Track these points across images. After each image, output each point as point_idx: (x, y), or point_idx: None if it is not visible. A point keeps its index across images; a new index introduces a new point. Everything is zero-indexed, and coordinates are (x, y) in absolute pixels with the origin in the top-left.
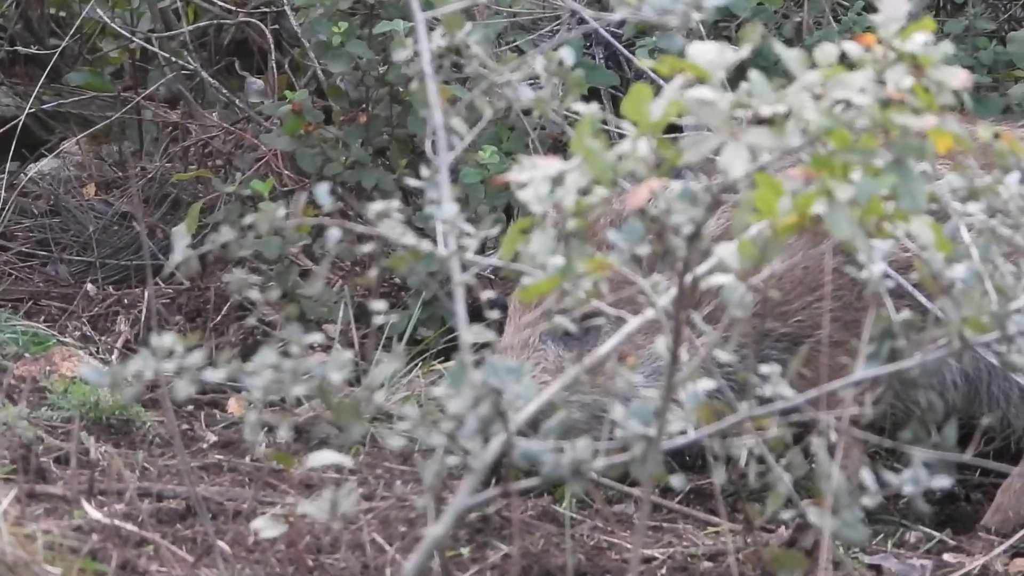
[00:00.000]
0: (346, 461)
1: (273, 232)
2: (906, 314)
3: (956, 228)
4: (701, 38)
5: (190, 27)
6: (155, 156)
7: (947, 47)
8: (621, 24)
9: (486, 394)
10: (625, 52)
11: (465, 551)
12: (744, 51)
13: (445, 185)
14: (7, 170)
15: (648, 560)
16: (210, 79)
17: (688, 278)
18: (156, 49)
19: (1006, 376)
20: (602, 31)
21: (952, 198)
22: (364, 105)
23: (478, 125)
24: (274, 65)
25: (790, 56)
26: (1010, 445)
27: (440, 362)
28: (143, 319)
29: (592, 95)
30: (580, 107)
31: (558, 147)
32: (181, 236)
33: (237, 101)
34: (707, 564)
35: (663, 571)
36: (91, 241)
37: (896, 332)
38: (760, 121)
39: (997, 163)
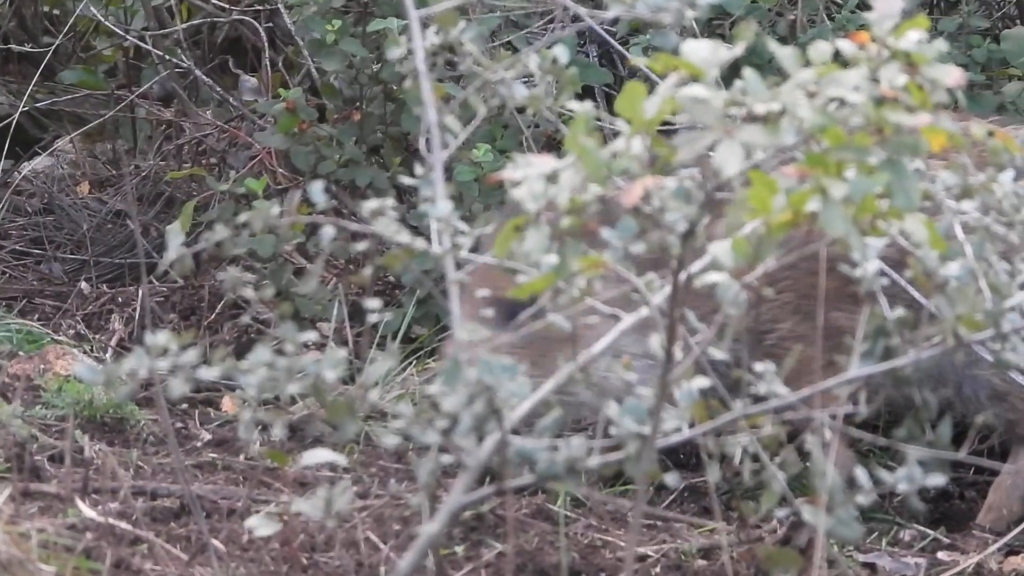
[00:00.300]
0: (340, 459)
1: (267, 230)
2: (900, 311)
3: (950, 226)
4: (695, 36)
5: (184, 25)
6: (149, 154)
7: (941, 45)
8: (615, 22)
9: (480, 392)
10: (619, 47)
11: (459, 549)
12: (738, 49)
13: (439, 183)
14: (0, 168)
15: (642, 558)
16: (204, 77)
17: (682, 276)
18: (150, 47)
19: (975, 377)
20: (595, 26)
21: (946, 196)
22: (358, 103)
23: (472, 123)
24: (268, 63)
25: (784, 54)
26: (1004, 442)
27: (434, 360)
28: (137, 317)
29: (586, 93)
30: (574, 105)
31: (552, 145)
32: (175, 234)
33: (231, 99)
34: (701, 562)
35: (657, 569)
36: (85, 239)
37: (890, 330)
38: (754, 119)
39: (991, 160)
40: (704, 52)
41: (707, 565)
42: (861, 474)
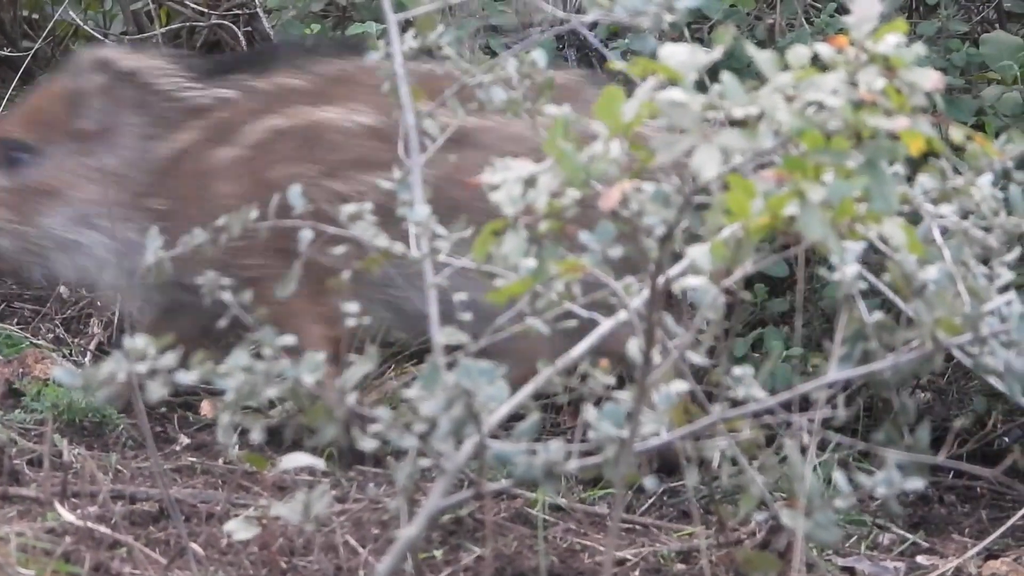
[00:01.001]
0: (319, 463)
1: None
2: (878, 315)
3: (928, 230)
4: (673, 40)
5: (163, 29)
6: None
7: (919, 49)
8: (593, 26)
9: (459, 396)
10: (601, 47)
11: (438, 553)
12: (716, 53)
13: (418, 187)
14: None
15: (621, 562)
16: None
17: (660, 280)
18: None
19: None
20: (580, 27)
21: (924, 200)
22: None
23: (451, 127)
24: None
25: (763, 58)
26: (983, 447)
27: (413, 364)
28: (116, 321)
29: None
30: (552, 109)
31: None
32: (153, 238)
33: None
34: (680, 566)
35: (635, 573)
36: None
37: (869, 334)
38: (732, 123)
39: (970, 164)
40: (682, 56)
41: (686, 569)
42: (840, 478)
